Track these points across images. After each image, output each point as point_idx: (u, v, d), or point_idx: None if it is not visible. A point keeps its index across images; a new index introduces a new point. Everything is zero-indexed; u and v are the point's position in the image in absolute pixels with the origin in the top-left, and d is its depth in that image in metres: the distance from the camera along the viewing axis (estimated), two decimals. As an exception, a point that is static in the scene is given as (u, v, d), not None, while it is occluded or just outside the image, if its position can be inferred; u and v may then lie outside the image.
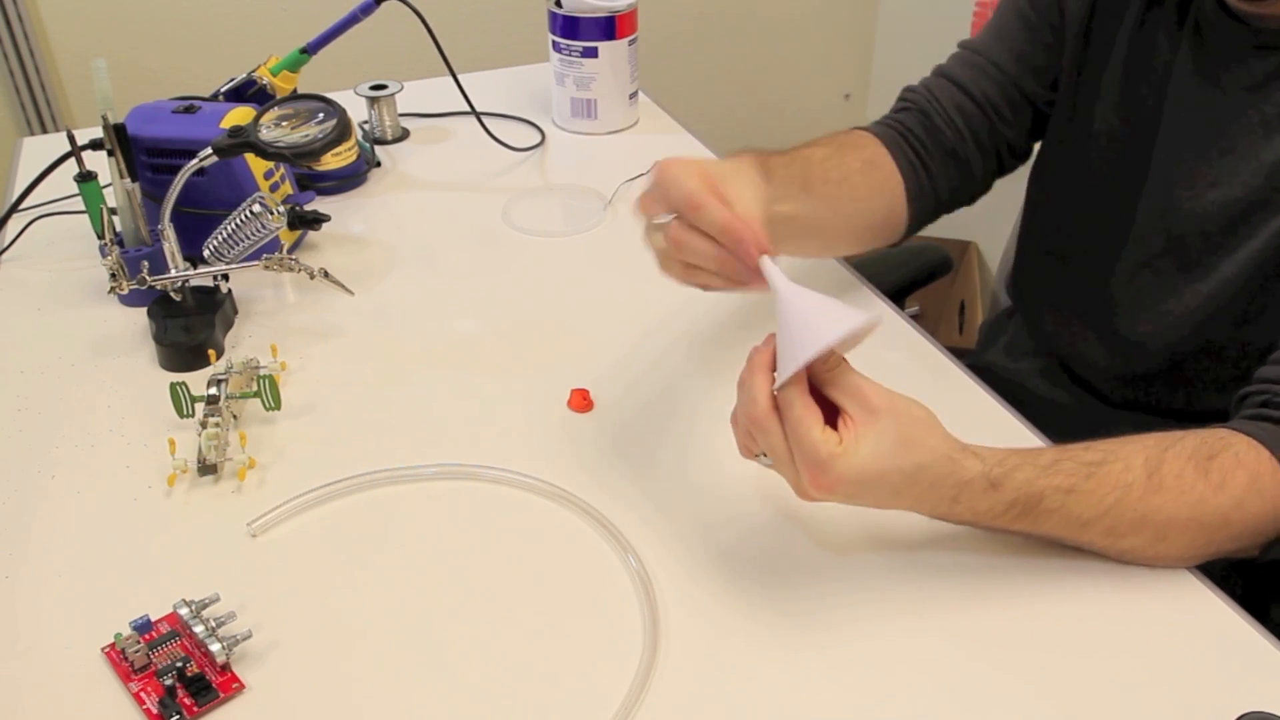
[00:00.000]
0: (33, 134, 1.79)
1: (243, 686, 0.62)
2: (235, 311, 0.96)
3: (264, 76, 1.12)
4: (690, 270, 0.70)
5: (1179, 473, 0.66)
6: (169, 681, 0.61)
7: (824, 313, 0.61)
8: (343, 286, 0.94)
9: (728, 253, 0.67)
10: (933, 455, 0.62)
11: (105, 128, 0.89)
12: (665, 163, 0.70)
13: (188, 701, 0.60)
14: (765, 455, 0.65)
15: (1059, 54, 0.92)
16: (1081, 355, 0.98)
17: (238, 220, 0.89)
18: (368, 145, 1.24)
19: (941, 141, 0.95)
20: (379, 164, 1.24)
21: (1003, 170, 0.99)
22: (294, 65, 1.14)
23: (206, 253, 0.91)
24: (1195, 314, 0.85)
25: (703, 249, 0.68)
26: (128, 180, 0.92)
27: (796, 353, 0.60)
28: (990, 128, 0.95)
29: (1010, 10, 0.95)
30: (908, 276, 1.30)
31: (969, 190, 0.98)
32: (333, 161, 1.16)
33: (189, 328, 0.89)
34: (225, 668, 0.62)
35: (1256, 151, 0.78)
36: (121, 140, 0.90)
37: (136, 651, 0.62)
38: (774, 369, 0.62)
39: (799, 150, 0.87)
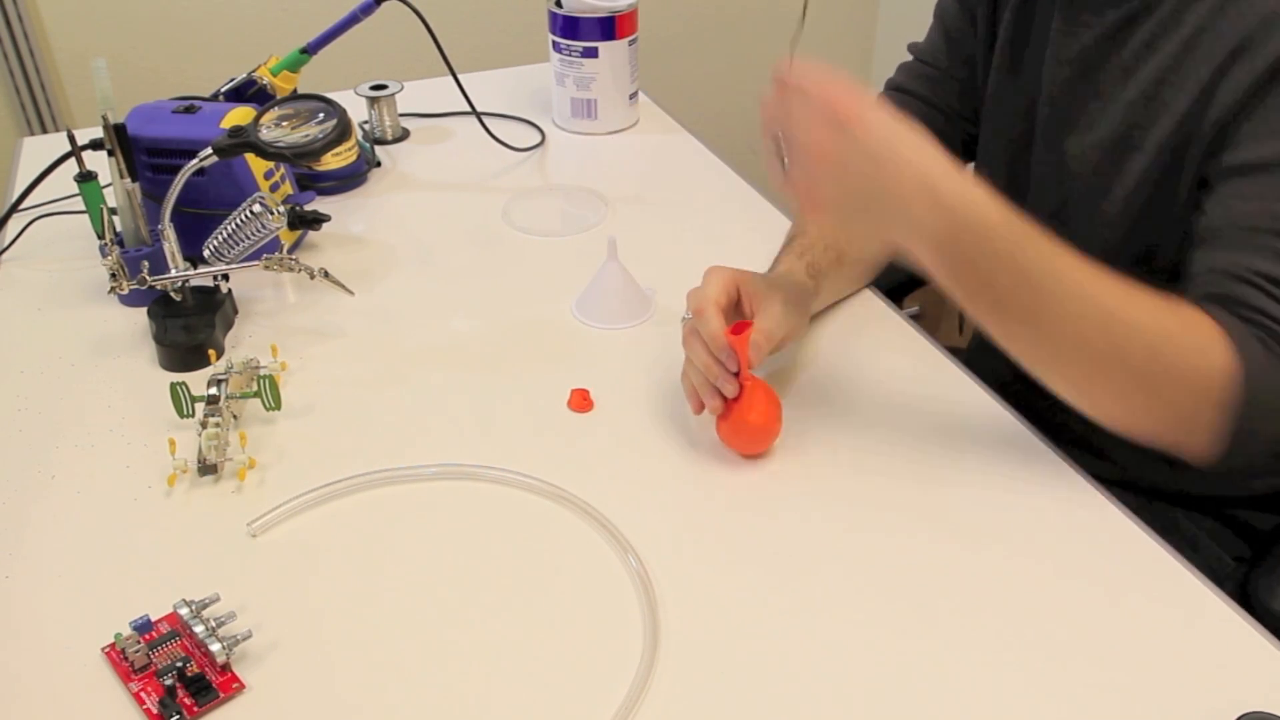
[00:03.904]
0: (33, 134, 1.79)
1: (243, 686, 0.62)
2: (235, 311, 0.96)
3: (264, 76, 1.13)
4: (694, 377, 0.79)
5: (1124, 279, 0.68)
6: (169, 681, 0.61)
7: None
8: (343, 286, 0.94)
9: (716, 362, 0.76)
10: None
11: (105, 128, 0.89)
12: (711, 268, 0.80)
13: (188, 701, 0.60)
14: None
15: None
16: None
17: (238, 220, 0.89)
18: (368, 145, 1.24)
19: None
20: (379, 164, 1.24)
21: (974, 158, 1.04)
22: (294, 65, 1.14)
23: (207, 253, 0.91)
24: (1096, 258, 0.86)
25: (698, 351, 0.77)
26: (128, 180, 0.92)
27: None
28: (962, 132, 1.01)
29: (942, 12, 0.99)
30: (905, 277, 1.30)
31: None
32: (333, 161, 1.16)
33: (189, 328, 0.89)
34: (225, 668, 0.62)
35: (1117, 93, 0.81)
36: (121, 140, 0.90)
37: (136, 651, 0.62)
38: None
39: None
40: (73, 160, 0.94)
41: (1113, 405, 0.70)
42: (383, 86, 1.28)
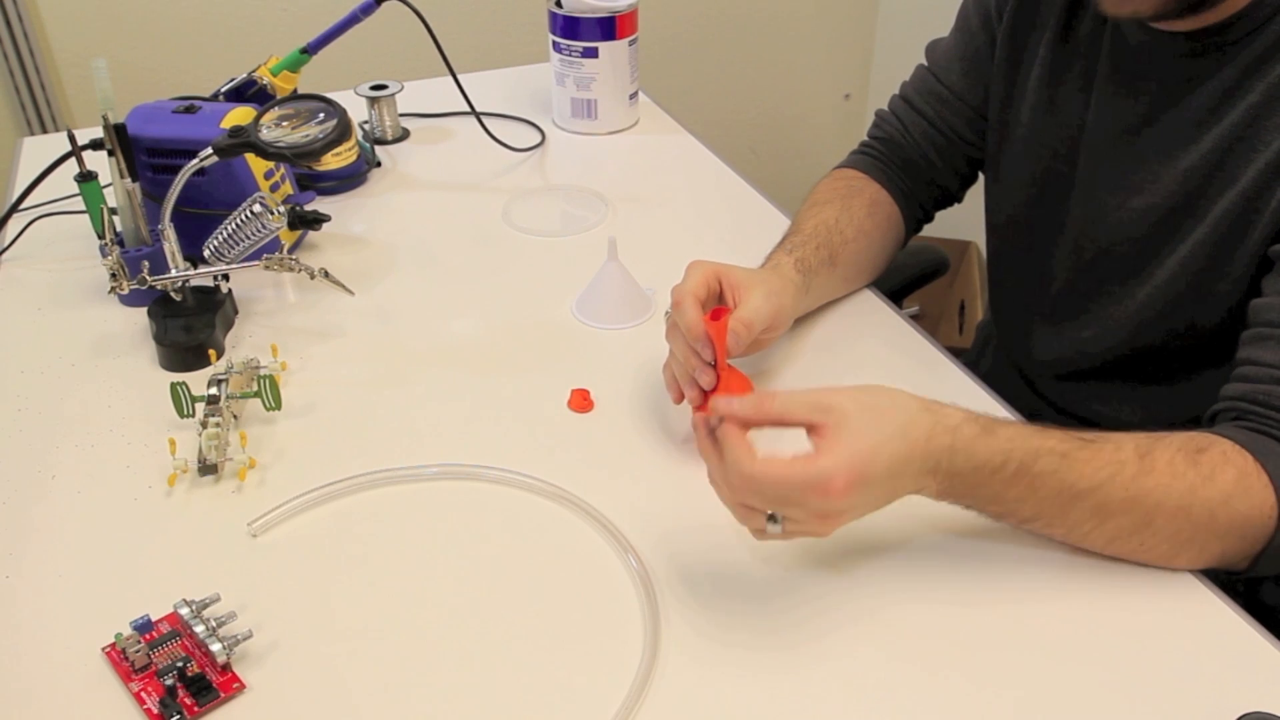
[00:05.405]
0: (33, 134, 1.79)
1: (243, 686, 0.62)
2: (235, 311, 0.96)
3: (264, 76, 1.12)
4: (675, 368, 0.79)
5: (1170, 459, 0.66)
6: (169, 681, 0.61)
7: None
8: (343, 286, 0.94)
9: (693, 353, 0.75)
10: (908, 411, 0.63)
11: (105, 128, 0.89)
12: (693, 262, 0.80)
13: (188, 701, 0.60)
14: (772, 521, 0.63)
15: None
16: (1029, 355, 0.99)
17: (238, 220, 0.89)
18: (368, 145, 1.24)
19: (918, 173, 1.02)
20: (379, 164, 1.24)
21: (975, 179, 1.05)
22: (294, 65, 1.14)
23: (207, 253, 0.91)
24: (1132, 319, 0.85)
25: (677, 343, 0.77)
26: (128, 180, 0.92)
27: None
28: (961, 154, 1.01)
29: (965, 24, 0.97)
30: (905, 277, 1.30)
31: (948, 201, 1.06)
32: (333, 161, 1.16)
33: (189, 328, 0.89)
34: (226, 668, 0.62)
35: (1175, 158, 0.78)
36: (122, 140, 0.90)
37: (137, 651, 0.62)
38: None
39: (816, 218, 0.94)
40: (73, 160, 0.94)
41: (1162, 562, 0.69)
42: (383, 86, 1.28)
